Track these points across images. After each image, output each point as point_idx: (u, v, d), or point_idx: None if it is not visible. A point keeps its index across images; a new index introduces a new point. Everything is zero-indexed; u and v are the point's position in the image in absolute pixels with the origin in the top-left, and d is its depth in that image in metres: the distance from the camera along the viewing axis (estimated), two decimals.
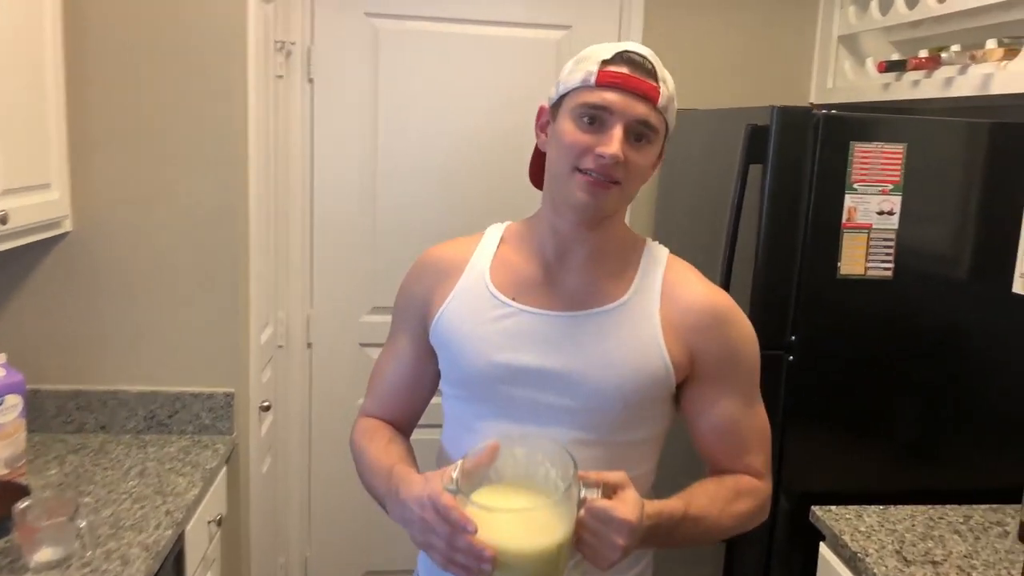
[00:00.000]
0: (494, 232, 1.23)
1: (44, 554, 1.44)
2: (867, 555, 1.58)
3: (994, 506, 1.80)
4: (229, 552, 2.16)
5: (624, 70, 1.05)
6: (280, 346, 2.62)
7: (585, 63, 1.08)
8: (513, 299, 1.14)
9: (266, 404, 2.32)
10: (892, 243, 1.72)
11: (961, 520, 1.74)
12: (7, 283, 2.02)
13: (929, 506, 1.79)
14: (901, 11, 2.20)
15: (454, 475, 0.97)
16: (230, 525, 2.14)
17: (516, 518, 0.94)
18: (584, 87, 1.07)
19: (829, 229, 1.71)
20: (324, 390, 2.71)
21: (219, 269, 2.07)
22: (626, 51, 1.07)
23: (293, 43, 2.50)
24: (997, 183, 1.74)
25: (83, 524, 1.50)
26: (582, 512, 0.95)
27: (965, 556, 1.59)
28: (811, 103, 2.66)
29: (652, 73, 1.07)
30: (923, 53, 2.06)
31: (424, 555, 1.22)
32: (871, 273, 1.74)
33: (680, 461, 1.28)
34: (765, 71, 2.65)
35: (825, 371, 1.77)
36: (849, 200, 1.70)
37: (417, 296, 1.23)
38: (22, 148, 1.73)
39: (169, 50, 1.97)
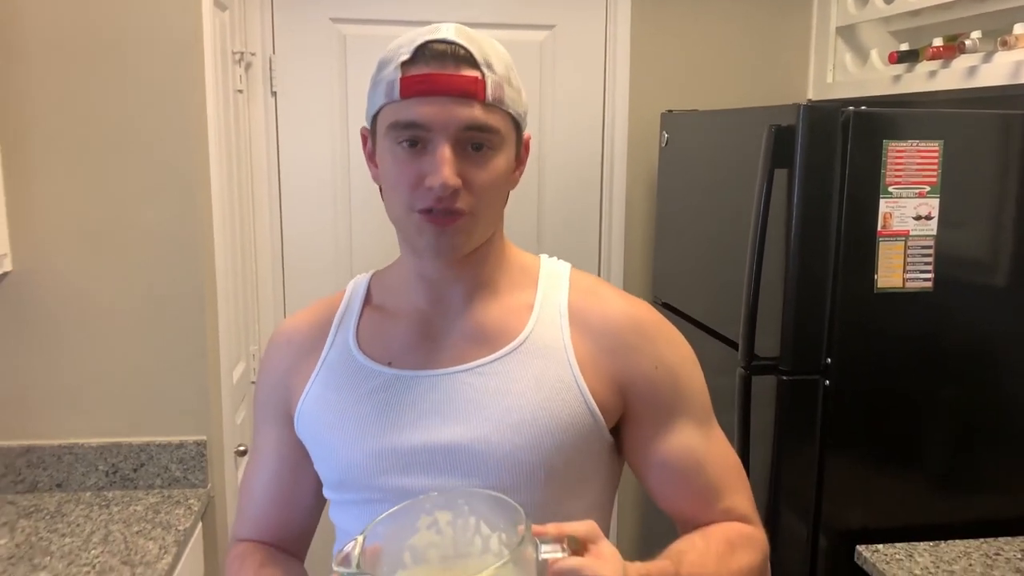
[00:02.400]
0: (357, 287, 1.01)
1: None
2: None
3: None
4: None
5: (429, 69, 0.84)
6: (253, 382, 2.41)
7: (386, 69, 0.87)
8: (388, 364, 0.93)
9: (242, 448, 2.11)
10: (931, 251, 1.58)
11: (1020, 556, 1.60)
12: None
13: (982, 540, 1.65)
14: None
15: (355, 552, 0.72)
16: None
17: None
18: (390, 103, 0.86)
19: (864, 238, 1.56)
20: None
21: (181, 304, 1.87)
22: (427, 42, 0.85)
23: (253, 53, 2.30)
24: None
25: None
26: None
27: None
28: (809, 99, 2.53)
29: (468, 60, 0.85)
30: (938, 42, 1.93)
31: None
32: (910, 285, 1.59)
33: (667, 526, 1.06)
34: (759, 67, 2.52)
35: (865, 395, 1.62)
36: (884, 205, 1.55)
37: (274, 384, 1.00)
38: None
39: (114, 64, 1.76)
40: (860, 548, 1.62)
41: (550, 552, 0.72)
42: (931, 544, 1.63)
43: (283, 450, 0.99)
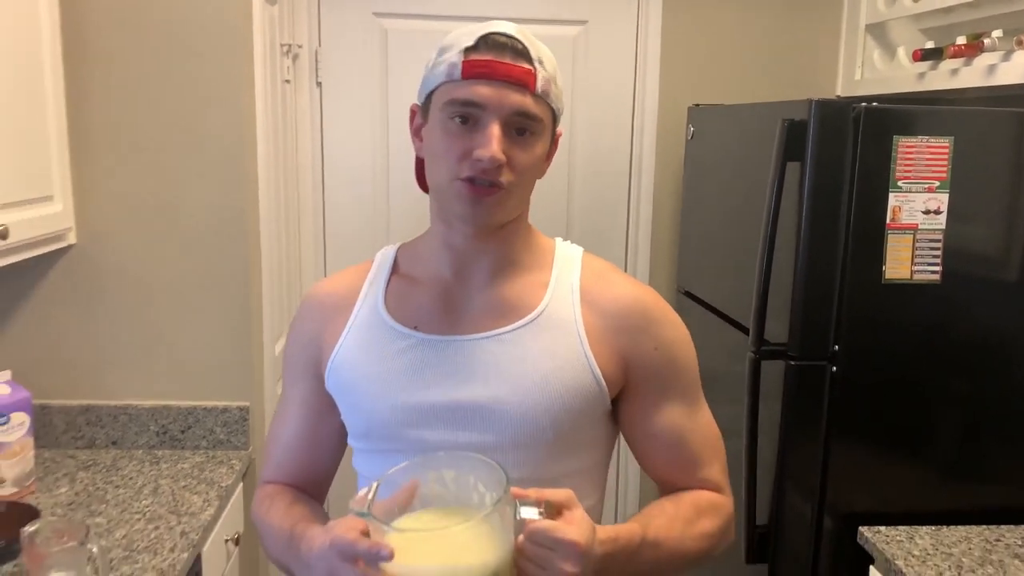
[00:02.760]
0: (385, 257, 1.10)
1: None
2: None
3: None
4: (247, 572, 2.09)
5: (491, 56, 0.93)
6: None
7: (448, 53, 0.96)
8: (414, 328, 1.01)
9: None
10: (939, 244, 1.63)
11: (1020, 543, 1.64)
12: (11, 299, 1.96)
13: (984, 527, 1.69)
14: None
15: (369, 496, 0.83)
16: (248, 543, 2.08)
17: (437, 540, 0.81)
18: (449, 81, 0.94)
19: (872, 230, 1.62)
20: None
21: (229, 279, 2.00)
22: (491, 34, 0.95)
23: (300, 46, 2.43)
24: None
25: (95, 549, 1.42)
26: (521, 537, 0.82)
27: None
28: (838, 95, 2.57)
29: (524, 54, 0.94)
30: (961, 40, 1.97)
31: None
32: (917, 277, 1.64)
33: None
34: (788, 64, 2.57)
35: (871, 382, 1.68)
36: (893, 199, 1.61)
37: (306, 341, 1.09)
38: (21, 160, 1.66)
39: (172, 56, 1.90)
40: (863, 529, 1.68)
41: (527, 513, 0.81)
42: (933, 528, 1.69)
43: (311, 402, 1.09)
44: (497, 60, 0.93)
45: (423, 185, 1.06)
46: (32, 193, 1.71)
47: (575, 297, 1.02)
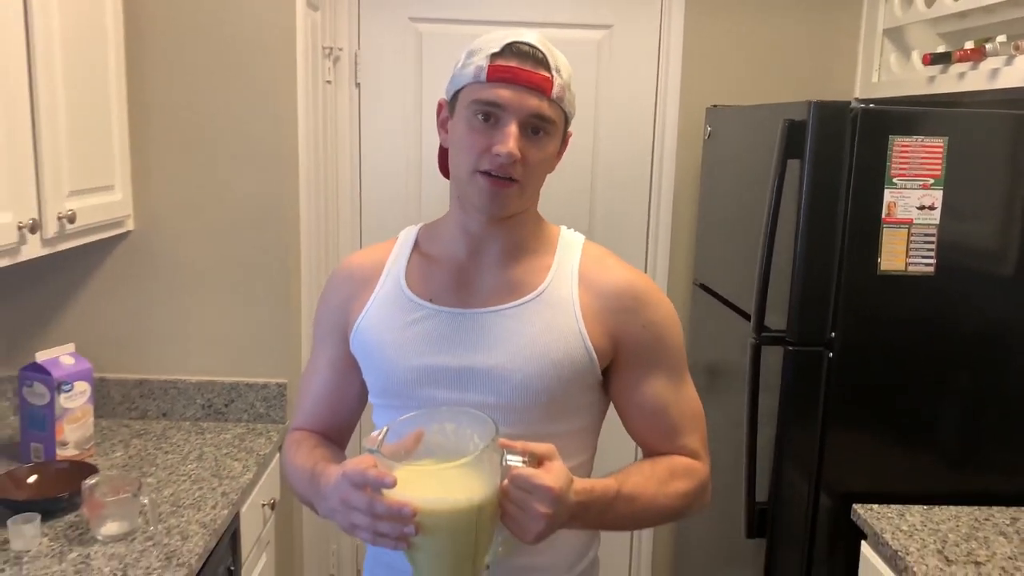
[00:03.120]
0: (408, 236, 1.23)
1: (110, 528, 1.54)
2: (908, 553, 1.58)
3: None
4: (282, 536, 2.25)
5: (514, 63, 1.04)
6: None
7: (476, 56, 1.06)
8: (429, 301, 1.13)
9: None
10: (934, 238, 1.71)
11: (1008, 522, 1.72)
12: (76, 279, 2.15)
13: (975, 507, 1.77)
14: (946, 2, 2.17)
15: (379, 438, 0.96)
16: (283, 510, 2.23)
17: (432, 476, 0.92)
18: (476, 83, 1.06)
19: (869, 224, 1.71)
20: None
21: (271, 265, 2.16)
22: (515, 42, 1.05)
23: (340, 49, 2.59)
24: None
25: (146, 501, 1.59)
26: (505, 481, 0.93)
27: (1010, 558, 1.57)
28: (856, 98, 2.64)
29: (544, 63, 1.06)
30: (969, 44, 2.04)
31: (367, 571, 1.24)
32: (912, 269, 1.73)
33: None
34: (809, 67, 2.65)
35: (866, 368, 1.76)
36: (889, 195, 1.70)
37: (335, 307, 1.21)
38: (88, 152, 1.84)
39: (222, 58, 2.07)
40: (856, 507, 1.77)
41: (513, 461, 0.94)
42: (925, 507, 1.77)
43: (337, 362, 1.22)
44: (519, 67, 1.04)
45: (444, 171, 1.18)
46: (96, 182, 1.89)
47: (574, 279, 1.14)
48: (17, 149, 1.55)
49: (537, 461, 0.96)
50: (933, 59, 2.14)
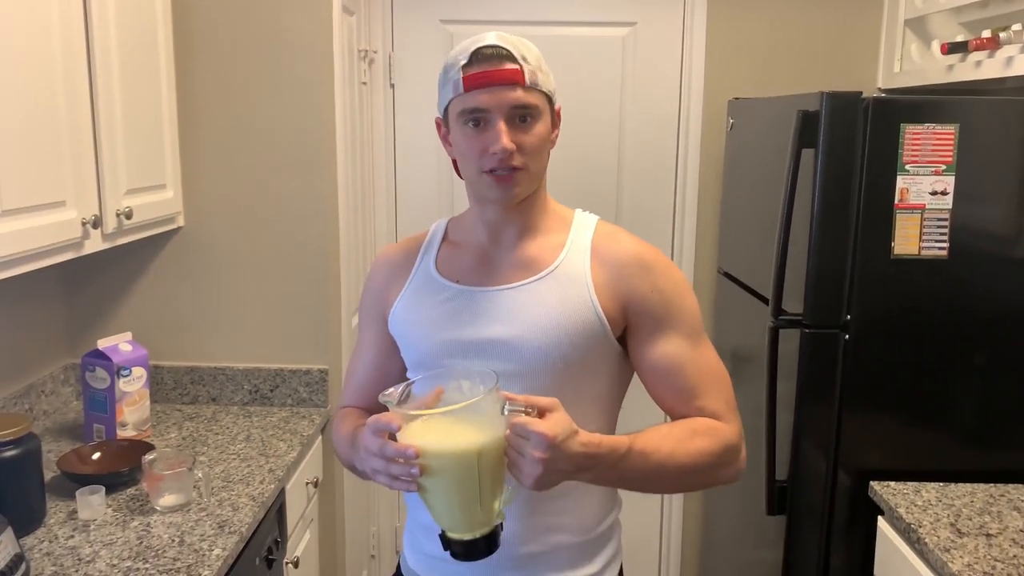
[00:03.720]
0: (438, 228, 1.35)
1: (167, 499, 1.68)
2: (920, 526, 1.64)
3: None
4: (325, 514, 2.37)
5: (484, 67, 1.13)
6: None
7: (451, 72, 1.17)
8: (456, 282, 1.25)
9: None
10: (947, 223, 1.76)
11: (1023, 498, 1.76)
12: (132, 272, 2.29)
13: (992, 484, 1.82)
14: None
15: (397, 393, 1.07)
16: (326, 489, 2.36)
17: (435, 423, 1.02)
18: (457, 96, 1.15)
19: (882, 210, 1.77)
20: None
21: (312, 258, 2.28)
22: (478, 49, 1.14)
23: (375, 51, 2.70)
24: None
25: (199, 475, 1.72)
26: (508, 430, 1.01)
27: (1021, 530, 1.62)
28: (879, 88, 2.68)
29: (510, 57, 1.14)
30: (986, 33, 2.08)
31: (407, 533, 1.35)
32: (925, 253, 1.78)
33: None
34: (831, 58, 2.69)
35: (881, 350, 1.82)
36: (901, 181, 1.75)
37: (376, 293, 1.34)
38: (142, 153, 1.98)
39: (264, 63, 2.19)
40: (874, 484, 1.83)
41: (514, 410, 1.02)
42: (941, 484, 1.82)
43: (380, 343, 1.34)
44: (489, 69, 1.13)
45: (460, 175, 1.30)
46: (150, 181, 2.03)
47: (586, 254, 1.23)
48: (80, 150, 1.69)
49: (539, 413, 1.03)
50: (950, 48, 2.18)
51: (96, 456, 1.87)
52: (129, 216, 1.86)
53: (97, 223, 1.74)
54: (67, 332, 2.31)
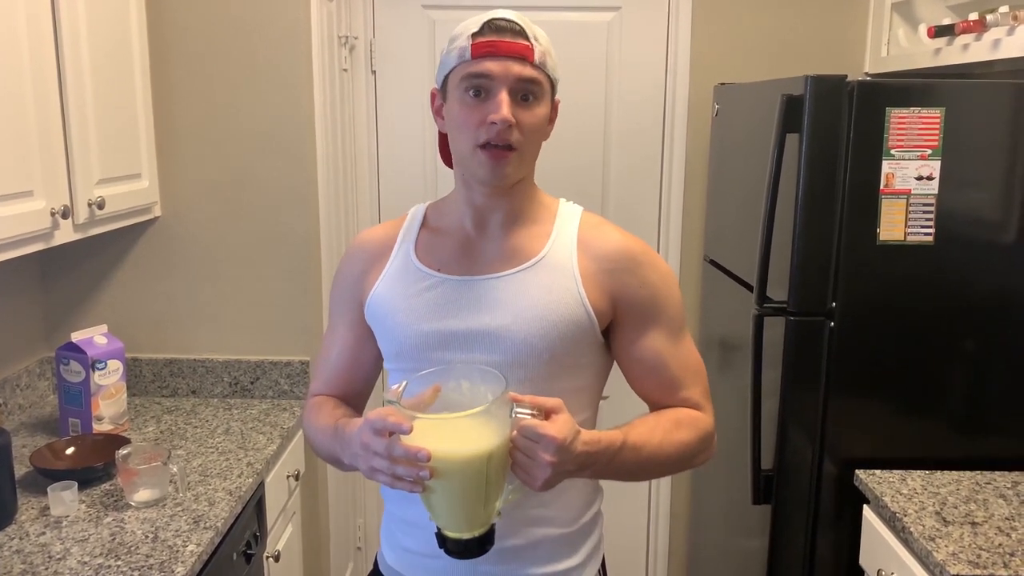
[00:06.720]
0: (416, 213, 1.30)
1: (142, 494, 1.65)
2: (906, 515, 1.62)
3: None
4: (308, 507, 2.35)
5: (494, 37, 1.11)
6: None
7: (458, 40, 1.14)
8: (437, 270, 1.21)
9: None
10: (932, 208, 1.74)
11: (1009, 485, 1.75)
12: (107, 263, 2.26)
13: (978, 472, 1.80)
14: None
15: (399, 390, 1.04)
16: (308, 482, 2.33)
17: (446, 426, 0.99)
18: (462, 62, 1.13)
19: (867, 195, 1.74)
20: None
21: (293, 248, 2.25)
22: (492, 19, 1.13)
23: (356, 37, 2.66)
24: None
25: (175, 469, 1.69)
26: (515, 432, 1.00)
27: (1007, 518, 1.61)
28: (866, 72, 2.65)
29: (522, 34, 1.12)
30: (973, 16, 2.05)
31: (384, 529, 1.32)
32: (911, 239, 1.76)
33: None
34: (818, 42, 2.65)
35: (867, 336, 1.80)
36: (886, 166, 1.73)
37: (351, 280, 1.29)
38: (116, 142, 1.94)
39: (241, 50, 2.15)
40: (859, 472, 1.81)
41: (521, 413, 1.01)
42: (927, 472, 1.81)
43: (355, 330, 1.30)
44: (500, 39, 1.11)
45: (446, 159, 1.27)
46: (124, 171, 1.99)
47: (572, 245, 1.21)
48: (48, 140, 1.65)
49: (545, 414, 1.02)
50: (937, 32, 2.15)
51: (70, 451, 1.83)
52: (101, 206, 1.82)
53: (67, 213, 1.70)
54: (43, 325, 2.27)
